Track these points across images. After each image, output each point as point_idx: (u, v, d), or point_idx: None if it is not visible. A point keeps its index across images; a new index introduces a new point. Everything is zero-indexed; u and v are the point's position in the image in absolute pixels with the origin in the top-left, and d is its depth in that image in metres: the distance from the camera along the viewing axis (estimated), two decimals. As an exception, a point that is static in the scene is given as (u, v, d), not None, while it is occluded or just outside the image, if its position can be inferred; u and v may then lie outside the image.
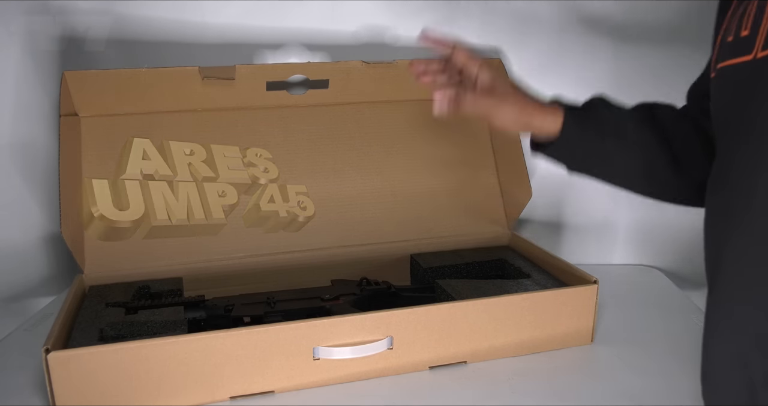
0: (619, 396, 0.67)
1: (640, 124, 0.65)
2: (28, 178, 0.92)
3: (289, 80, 0.90)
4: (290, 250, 0.91)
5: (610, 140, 0.64)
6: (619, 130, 0.64)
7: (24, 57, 0.89)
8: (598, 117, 0.65)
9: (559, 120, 0.64)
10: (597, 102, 0.67)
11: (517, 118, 0.65)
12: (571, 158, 0.67)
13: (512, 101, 0.65)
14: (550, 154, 0.67)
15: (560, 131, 0.64)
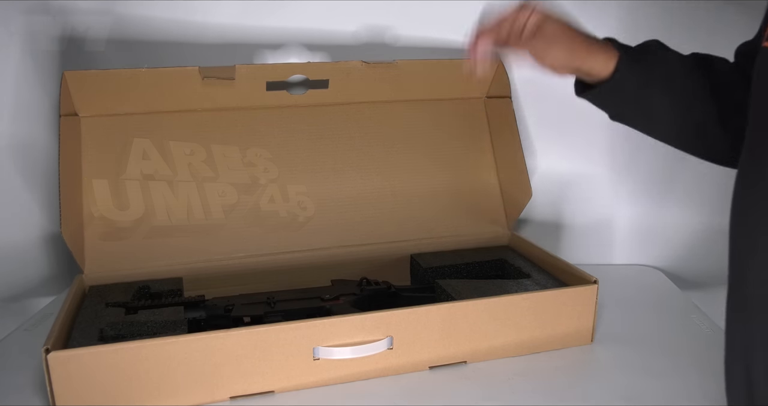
0: (619, 396, 0.67)
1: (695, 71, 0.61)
2: (28, 178, 0.92)
3: (289, 80, 0.90)
4: (290, 250, 0.91)
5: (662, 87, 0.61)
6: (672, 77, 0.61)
7: (24, 57, 0.89)
8: (652, 62, 0.61)
9: (611, 63, 0.60)
10: (652, 46, 0.63)
11: (567, 61, 0.61)
12: (618, 104, 0.63)
13: (561, 43, 0.60)
14: (595, 99, 0.63)
15: (611, 75, 0.60)
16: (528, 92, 1.01)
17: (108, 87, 0.84)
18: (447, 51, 0.99)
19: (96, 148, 0.87)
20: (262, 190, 0.91)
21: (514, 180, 0.98)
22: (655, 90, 0.61)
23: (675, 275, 1.06)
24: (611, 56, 0.60)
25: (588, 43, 0.61)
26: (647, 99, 0.62)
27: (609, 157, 1.05)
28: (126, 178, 0.87)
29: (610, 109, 0.64)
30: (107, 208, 0.86)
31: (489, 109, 1.02)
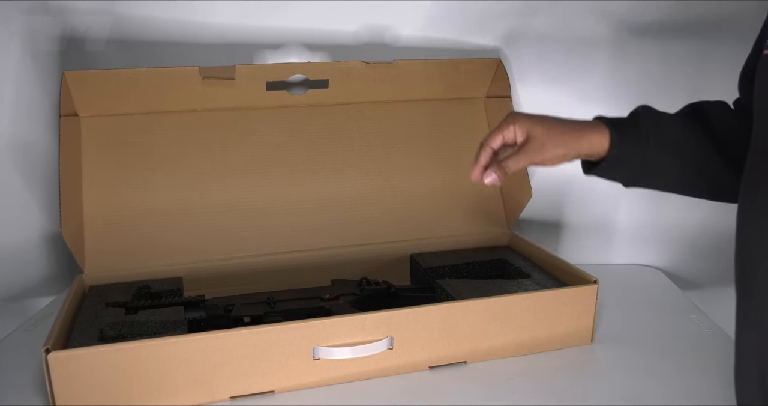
0: (619, 396, 0.67)
1: (687, 124, 0.63)
2: (28, 178, 0.92)
3: (289, 80, 0.90)
4: (290, 250, 0.91)
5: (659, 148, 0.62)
6: (666, 136, 0.63)
7: (24, 57, 0.89)
8: (642, 128, 0.63)
9: (605, 139, 0.63)
10: (640, 112, 0.65)
11: (564, 153, 0.63)
12: (625, 174, 0.65)
13: (552, 141, 0.63)
14: (603, 174, 0.65)
15: (608, 150, 0.63)
16: (528, 92, 1.01)
17: (108, 87, 0.84)
18: (447, 51, 0.99)
19: (96, 148, 0.87)
20: (261, 190, 0.91)
21: (514, 180, 0.98)
22: (655, 156, 0.63)
23: (675, 275, 1.06)
24: (603, 136, 0.63)
25: (577, 130, 0.64)
26: (649, 166, 0.63)
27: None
28: (126, 178, 0.87)
29: (620, 181, 0.66)
30: (107, 208, 0.86)
31: (489, 109, 1.02)
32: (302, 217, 0.93)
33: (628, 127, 0.63)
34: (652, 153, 0.62)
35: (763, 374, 0.50)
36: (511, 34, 0.98)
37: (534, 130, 0.64)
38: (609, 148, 0.63)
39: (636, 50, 0.98)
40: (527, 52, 0.99)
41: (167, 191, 0.88)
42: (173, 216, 0.88)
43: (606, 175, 0.65)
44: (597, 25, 0.96)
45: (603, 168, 0.64)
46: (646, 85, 0.99)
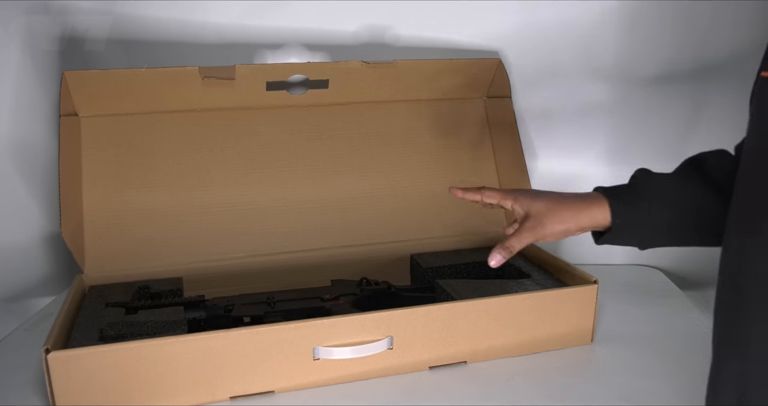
0: (619, 396, 0.67)
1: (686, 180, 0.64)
2: (28, 179, 0.92)
3: (289, 80, 0.90)
4: (290, 250, 0.91)
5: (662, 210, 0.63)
6: (667, 198, 0.63)
7: (24, 57, 0.89)
8: (642, 193, 0.64)
9: (606, 211, 0.64)
10: (638, 177, 0.66)
11: (565, 229, 0.65)
12: (636, 240, 0.66)
13: (550, 219, 0.65)
14: (612, 242, 0.66)
15: (611, 222, 0.64)
16: (528, 92, 1.01)
17: (108, 87, 0.84)
18: (447, 51, 0.99)
19: (96, 148, 0.87)
20: (261, 190, 0.91)
21: (514, 180, 0.98)
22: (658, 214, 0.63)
23: (675, 275, 1.06)
24: (604, 208, 0.64)
25: (576, 205, 0.65)
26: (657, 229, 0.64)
27: (609, 157, 1.05)
28: (126, 178, 0.87)
29: (634, 245, 0.66)
30: (107, 208, 0.86)
31: (489, 109, 1.02)
32: (302, 217, 0.93)
33: (627, 195, 0.64)
34: (656, 218, 0.63)
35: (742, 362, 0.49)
36: (511, 34, 0.98)
37: (533, 208, 0.66)
38: (611, 219, 0.63)
39: (640, 47, 0.98)
40: (527, 52, 0.99)
41: (167, 191, 0.88)
42: (173, 216, 0.88)
43: (616, 243, 0.66)
44: (599, 22, 0.96)
45: (610, 238, 0.65)
46: (651, 79, 0.99)
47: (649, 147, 1.03)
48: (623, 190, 0.65)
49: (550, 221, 0.65)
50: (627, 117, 1.02)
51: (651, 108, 1.01)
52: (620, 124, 1.03)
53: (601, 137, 1.04)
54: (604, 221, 0.64)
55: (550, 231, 0.65)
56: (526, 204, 0.67)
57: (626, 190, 0.65)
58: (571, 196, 0.67)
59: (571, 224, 0.65)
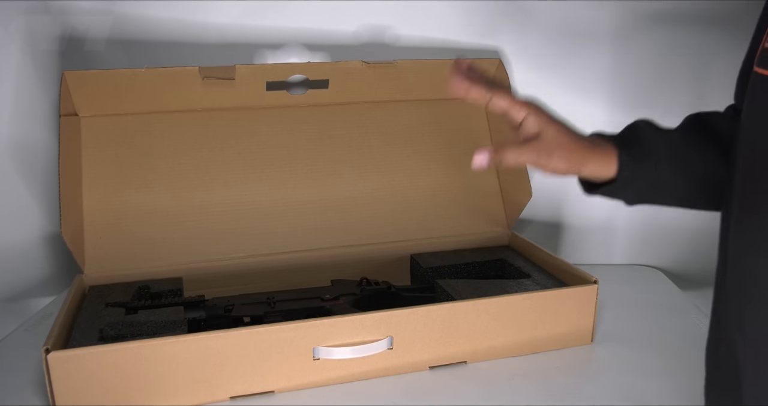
0: (619, 396, 0.67)
1: (693, 139, 0.61)
2: (28, 179, 0.92)
3: (289, 80, 0.90)
4: (290, 250, 0.91)
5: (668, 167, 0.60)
6: (675, 155, 0.60)
7: (24, 57, 0.89)
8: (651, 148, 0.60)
9: (612, 163, 0.59)
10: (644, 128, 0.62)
11: (568, 168, 0.59)
12: (632, 195, 0.63)
13: (560, 151, 0.59)
14: (608, 195, 0.62)
15: (616, 177, 0.60)
16: (528, 92, 1.01)
17: (108, 87, 0.84)
18: (447, 51, 0.99)
19: (96, 148, 0.87)
20: (261, 190, 0.91)
21: (514, 180, 0.98)
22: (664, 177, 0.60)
23: (675, 275, 1.06)
24: (611, 158, 0.59)
25: (586, 146, 0.60)
26: (657, 186, 0.61)
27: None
28: (126, 178, 0.87)
29: (624, 200, 0.63)
30: (107, 208, 0.86)
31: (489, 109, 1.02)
32: (302, 217, 0.93)
33: (635, 147, 0.60)
34: (661, 175, 0.60)
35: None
36: (511, 34, 0.98)
37: (549, 130, 0.59)
38: (618, 170, 0.59)
39: (638, 50, 0.98)
40: (528, 52, 0.99)
41: (167, 191, 0.88)
42: (173, 216, 0.88)
43: (613, 195, 0.63)
44: (598, 24, 0.96)
45: (610, 190, 0.61)
46: (648, 83, 0.99)
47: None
48: (632, 141, 0.61)
49: (558, 155, 0.58)
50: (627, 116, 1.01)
51: (650, 107, 1.01)
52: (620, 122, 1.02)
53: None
54: (607, 172, 0.60)
55: (554, 166, 0.58)
56: (543, 122, 0.58)
57: (635, 142, 0.61)
58: (582, 139, 0.60)
59: (577, 166, 0.59)
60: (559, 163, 0.58)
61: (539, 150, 0.58)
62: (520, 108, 0.59)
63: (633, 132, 0.62)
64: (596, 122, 1.03)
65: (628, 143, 0.61)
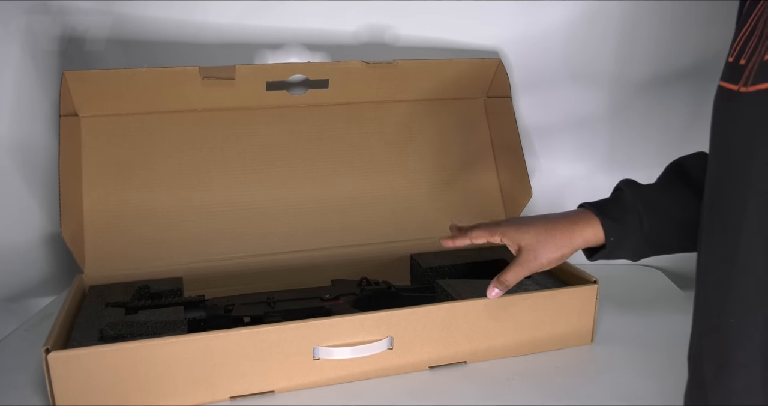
0: (619, 396, 0.67)
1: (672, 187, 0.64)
2: (28, 178, 0.92)
3: (289, 80, 0.90)
4: (290, 250, 0.91)
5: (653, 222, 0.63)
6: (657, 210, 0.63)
7: (24, 57, 0.89)
8: (631, 209, 0.63)
9: (598, 230, 0.63)
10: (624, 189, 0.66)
11: (561, 255, 0.65)
12: (630, 253, 0.66)
13: (544, 246, 0.65)
14: (609, 258, 0.66)
15: (605, 240, 0.64)
16: (528, 92, 1.01)
17: (108, 87, 0.84)
18: (447, 51, 0.99)
19: (96, 148, 0.87)
20: (261, 190, 0.91)
21: (514, 180, 0.98)
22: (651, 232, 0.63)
23: (675, 274, 1.06)
24: (595, 228, 0.64)
25: (568, 229, 0.65)
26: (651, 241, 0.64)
27: (609, 157, 1.05)
28: (126, 178, 0.87)
29: (626, 259, 0.66)
30: (107, 208, 0.86)
31: (489, 109, 1.02)
32: (302, 217, 0.93)
33: (617, 211, 0.64)
34: (648, 230, 0.63)
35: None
36: (511, 34, 0.98)
37: (523, 242, 0.66)
38: (605, 237, 0.63)
39: (642, 48, 0.98)
40: (527, 52, 0.99)
41: (167, 191, 0.88)
42: (173, 216, 0.88)
43: (611, 258, 0.66)
44: (598, 23, 0.96)
45: (605, 255, 0.65)
46: (651, 82, 0.99)
47: (650, 145, 1.03)
48: (611, 206, 0.65)
49: (543, 252, 0.65)
50: (628, 115, 1.02)
51: (652, 107, 1.01)
52: (621, 122, 1.03)
53: (601, 135, 1.04)
54: (596, 240, 0.64)
55: (547, 261, 0.65)
56: (517, 238, 0.66)
57: (614, 205, 0.65)
58: (560, 220, 0.66)
59: (565, 249, 0.65)
60: (549, 256, 0.65)
61: (528, 261, 0.66)
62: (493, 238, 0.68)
63: (614, 195, 0.67)
64: (596, 121, 1.03)
65: (609, 209, 0.64)
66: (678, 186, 0.64)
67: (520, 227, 0.67)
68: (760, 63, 0.44)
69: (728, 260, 0.45)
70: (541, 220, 0.67)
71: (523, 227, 0.67)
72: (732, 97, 0.46)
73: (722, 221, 0.47)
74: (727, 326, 0.46)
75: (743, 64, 0.46)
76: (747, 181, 0.44)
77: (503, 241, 0.68)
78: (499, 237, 0.68)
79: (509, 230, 0.67)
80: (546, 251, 0.65)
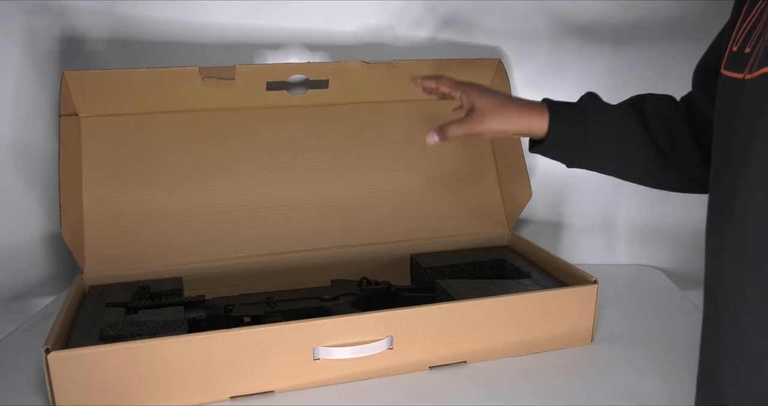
0: (619, 396, 0.67)
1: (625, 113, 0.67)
2: (28, 178, 0.92)
3: (289, 80, 0.90)
4: (290, 250, 0.91)
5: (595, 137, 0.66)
6: (602, 122, 0.66)
7: (24, 57, 0.89)
8: (581, 112, 0.67)
9: (545, 121, 0.66)
10: (584, 99, 0.69)
11: (502, 129, 0.68)
12: (565, 155, 0.69)
13: (493, 115, 0.68)
14: (543, 153, 0.69)
15: (547, 132, 0.66)
16: (528, 92, 1.01)
17: (108, 87, 0.84)
18: (447, 51, 0.99)
19: (96, 148, 0.87)
20: (261, 190, 0.91)
21: (514, 180, 0.98)
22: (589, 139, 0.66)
23: (675, 274, 1.06)
24: (543, 118, 0.67)
25: (519, 110, 0.68)
26: (586, 149, 0.67)
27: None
28: (126, 178, 0.87)
29: (561, 161, 0.70)
30: (107, 208, 0.86)
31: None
32: (302, 217, 0.93)
33: (568, 111, 0.67)
34: (588, 141, 0.66)
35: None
36: (511, 34, 0.98)
37: (479, 103, 0.68)
38: (547, 132, 0.66)
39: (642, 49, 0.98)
40: (527, 52, 0.99)
41: (167, 191, 0.88)
42: (173, 216, 0.88)
43: (546, 154, 0.69)
44: (597, 23, 0.96)
45: (543, 148, 0.68)
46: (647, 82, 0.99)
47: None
48: (566, 107, 0.68)
49: (490, 119, 0.68)
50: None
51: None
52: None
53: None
54: (540, 132, 0.67)
55: (489, 128, 0.68)
56: (474, 98, 0.69)
57: (569, 107, 0.68)
58: (517, 102, 0.69)
59: (509, 126, 0.67)
60: (493, 125, 0.68)
61: (473, 121, 0.68)
62: (456, 91, 0.71)
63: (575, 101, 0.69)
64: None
65: (563, 108, 0.67)
66: (630, 116, 0.67)
67: (482, 92, 0.70)
68: (765, 48, 0.44)
69: (735, 247, 0.46)
70: (503, 96, 0.70)
71: (485, 93, 0.70)
72: (737, 85, 0.47)
73: (726, 207, 0.47)
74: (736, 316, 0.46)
75: (748, 53, 0.46)
76: (750, 167, 0.44)
77: (462, 97, 0.70)
78: (460, 92, 0.71)
79: (472, 90, 0.70)
80: (492, 120, 0.68)
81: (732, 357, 0.47)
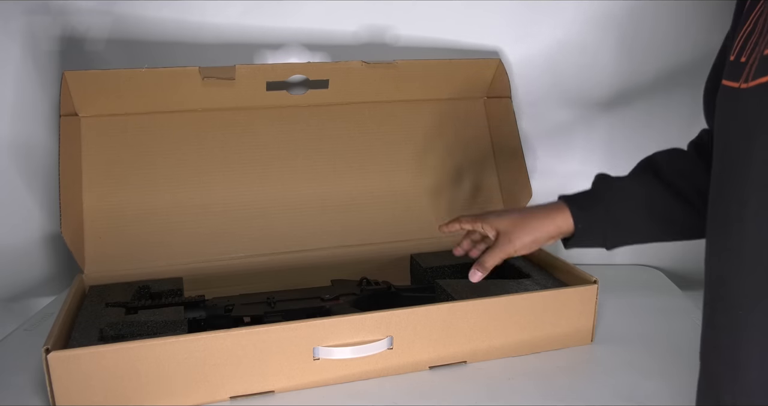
0: (619, 396, 0.67)
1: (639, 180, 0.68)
2: (28, 179, 0.92)
3: (289, 80, 0.90)
4: (290, 250, 0.91)
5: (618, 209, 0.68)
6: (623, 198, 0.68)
7: (24, 57, 0.89)
8: (599, 196, 0.69)
9: (568, 216, 0.68)
10: (596, 181, 0.71)
11: (533, 239, 0.70)
12: (599, 239, 0.70)
13: (518, 231, 0.71)
14: (579, 246, 0.71)
15: (574, 226, 0.68)
16: (528, 92, 1.01)
17: (108, 87, 0.84)
18: (447, 51, 0.99)
19: (96, 148, 0.87)
20: (261, 190, 0.91)
21: (514, 180, 0.98)
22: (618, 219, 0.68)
23: (675, 274, 1.06)
24: (566, 215, 0.69)
25: (541, 216, 0.71)
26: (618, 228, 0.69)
27: (609, 156, 1.05)
28: (126, 178, 0.87)
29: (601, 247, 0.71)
30: (107, 208, 0.86)
31: (489, 109, 1.02)
32: (302, 217, 0.93)
33: (585, 199, 0.69)
34: (614, 217, 0.68)
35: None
36: (511, 34, 0.98)
37: (500, 225, 0.72)
38: (573, 223, 0.69)
39: (642, 49, 0.98)
40: (527, 52, 0.99)
41: (167, 191, 0.88)
42: (173, 216, 0.88)
43: (581, 245, 0.71)
44: (598, 24, 0.96)
45: (575, 241, 0.70)
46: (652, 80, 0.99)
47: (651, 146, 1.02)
48: (582, 196, 0.70)
49: (517, 235, 0.71)
50: (627, 114, 1.02)
51: (652, 106, 1.01)
52: (621, 121, 1.03)
53: (601, 135, 1.04)
54: (568, 227, 0.69)
55: (520, 244, 0.71)
56: (495, 224, 0.73)
57: (585, 195, 0.70)
58: (535, 209, 0.72)
59: (537, 233, 0.70)
60: (523, 239, 0.71)
61: (503, 244, 0.71)
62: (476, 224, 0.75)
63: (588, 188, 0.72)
64: (596, 121, 1.03)
65: (579, 197, 0.70)
66: (646, 178, 0.68)
67: (498, 215, 0.74)
68: (760, 58, 0.44)
69: (733, 254, 0.46)
70: (519, 210, 0.75)
71: (502, 215, 0.74)
72: (733, 95, 0.47)
73: (725, 216, 0.47)
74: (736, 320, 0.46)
75: (744, 62, 0.46)
76: (747, 175, 0.44)
77: (484, 227, 0.74)
78: (480, 224, 0.74)
79: (490, 217, 0.74)
80: (520, 235, 0.70)
81: (731, 362, 0.47)
